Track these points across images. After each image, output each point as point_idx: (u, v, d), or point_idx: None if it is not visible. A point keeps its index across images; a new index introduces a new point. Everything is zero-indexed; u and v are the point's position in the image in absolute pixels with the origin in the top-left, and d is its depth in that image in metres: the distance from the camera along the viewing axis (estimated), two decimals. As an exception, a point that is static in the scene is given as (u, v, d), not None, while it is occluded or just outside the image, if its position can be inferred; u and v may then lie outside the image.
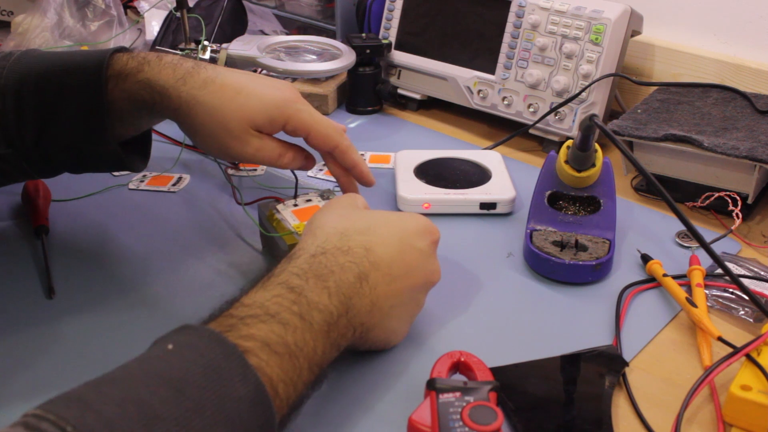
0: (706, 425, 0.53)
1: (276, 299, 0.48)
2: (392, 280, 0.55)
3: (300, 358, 0.46)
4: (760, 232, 0.78)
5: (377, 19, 1.08)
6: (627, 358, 0.59)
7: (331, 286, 0.50)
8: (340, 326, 0.50)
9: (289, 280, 0.49)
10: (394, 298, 0.55)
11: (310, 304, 0.48)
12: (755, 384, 0.53)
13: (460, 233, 0.77)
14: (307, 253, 0.52)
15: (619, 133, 0.81)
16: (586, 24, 0.89)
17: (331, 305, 0.50)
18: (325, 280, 0.50)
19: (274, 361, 0.44)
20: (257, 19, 1.21)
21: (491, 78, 0.97)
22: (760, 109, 0.86)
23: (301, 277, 0.50)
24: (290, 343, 0.45)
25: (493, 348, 0.59)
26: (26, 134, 0.61)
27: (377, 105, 1.06)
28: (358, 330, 0.52)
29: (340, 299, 0.50)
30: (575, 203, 0.74)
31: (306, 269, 0.51)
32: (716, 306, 0.65)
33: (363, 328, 0.53)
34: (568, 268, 0.67)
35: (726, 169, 0.78)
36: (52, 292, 0.65)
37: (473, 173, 0.85)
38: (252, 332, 0.44)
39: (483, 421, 0.46)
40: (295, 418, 0.47)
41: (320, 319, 0.48)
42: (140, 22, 1.15)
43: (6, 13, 1.20)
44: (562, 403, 0.55)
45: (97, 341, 0.60)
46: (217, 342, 0.42)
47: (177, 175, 0.86)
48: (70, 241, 0.73)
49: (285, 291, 0.48)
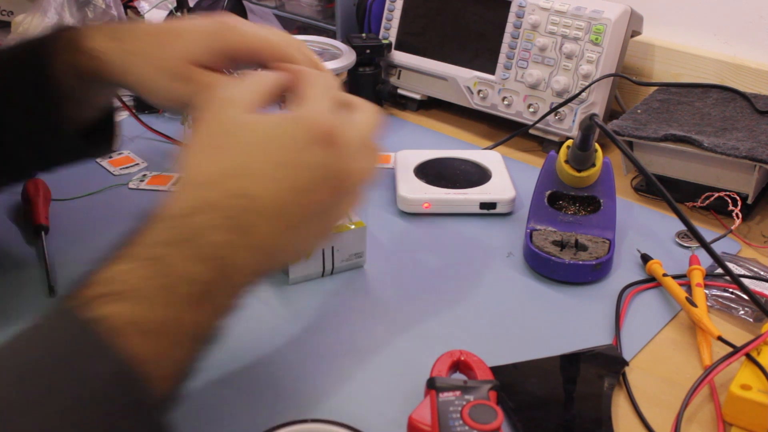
0: (706, 425, 0.53)
1: (135, 272, 0.41)
2: (285, 219, 0.46)
3: (169, 335, 0.40)
4: (760, 232, 0.78)
5: (377, 19, 1.08)
6: (627, 357, 0.59)
7: (200, 252, 0.42)
8: (218, 292, 0.43)
9: (150, 251, 0.42)
10: (292, 231, 0.47)
11: (174, 275, 0.41)
12: (755, 383, 0.53)
13: (460, 233, 0.77)
14: (171, 216, 0.44)
15: (619, 133, 0.81)
16: (586, 24, 0.89)
17: (200, 272, 0.42)
18: (193, 246, 0.42)
19: (137, 340, 0.38)
20: (257, 19, 1.21)
21: (491, 78, 0.97)
22: (760, 110, 0.86)
23: (163, 246, 0.42)
24: (155, 320, 0.40)
25: (493, 347, 0.59)
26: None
27: (377, 105, 1.06)
28: (246, 282, 0.45)
29: (213, 264, 0.43)
30: (575, 203, 0.74)
31: (169, 235, 0.43)
32: (716, 306, 0.66)
33: (254, 276, 0.46)
34: (568, 268, 0.67)
35: (726, 169, 0.78)
36: (52, 292, 0.65)
37: (473, 173, 0.85)
38: (110, 310, 0.39)
39: (483, 420, 0.46)
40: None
41: (186, 290, 0.41)
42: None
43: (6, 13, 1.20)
44: (562, 402, 0.55)
45: (97, 340, 0.60)
46: (68, 320, 0.38)
47: (177, 175, 0.86)
48: (70, 240, 0.73)
49: (145, 263, 0.41)
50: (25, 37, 0.61)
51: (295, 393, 0.54)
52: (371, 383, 0.56)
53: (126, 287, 0.40)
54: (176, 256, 0.42)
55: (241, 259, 0.44)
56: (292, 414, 0.52)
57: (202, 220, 0.43)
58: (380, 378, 0.56)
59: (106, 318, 0.38)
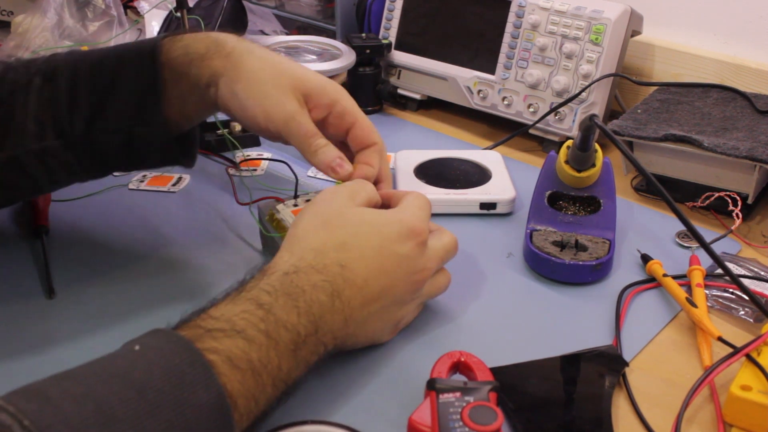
0: (706, 425, 0.53)
1: (244, 314, 0.47)
2: (368, 292, 0.54)
3: (263, 375, 0.46)
4: (760, 232, 0.78)
5: (377, 19, 1.08)
6: (627, 358, 0.59)
7: (301, 305, 0.50)
8: (309, 344, 0.50)
9: (259, 297, 0.49)
10: (371, 306, 0.54)
11: (278, 322, 0.48)
12: (755, 384, 0.53)
13: (460, 233, 0.76)
14: (279, 271, 0.52)
15: (619, 133, 0.81)
16: (586, 24, 0.89)
17: (300, 324, 0.49)
18: (296, 299, 0.50)
19: (235, 375, 0.44)
20: (257, 19, 1.21)
21: (491, 78, 0.97)
22: (760, 109, 0.86)
23: (271, 295, 0.49)
24: (254, 360, 0.45)
25: (493, 348, 0.59)
26: (77, 118, 0.60)
27: (377, 105, 1.06)
28: (330, 344, 0.52)
29: (310, 318, 0.50)
30: (575, 203, 0.74)
31: (277, 287, 0.50)
32: (716, 306, 0.65)
33: (337, 341, 0.53)
34: (568, 268, 0.67)
35: (726, 169, 0.78)
36: (52, 292, 0.65)
37: (473, 173, 0.85)
38: (216, 345, 0.44)
39: (483, 421, 0.46)
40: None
41: (287, 337, 0.48)
42: (140, 23, 1.15)
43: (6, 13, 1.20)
44: (562, 403, 0.55)
45: (97, 341, 0.60)
46: (183, 347, 0.43)
47: (177, 175, 0.86)
48: (70, 241, 0.73)
49: (253, 307, 0.48)
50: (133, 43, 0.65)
51: (294, 394, 0.54)
52: (371, 384, 0.56)
53: (232, 326, 0.46)
54: (281, 306, 0.49)
55: (332, 322, 0.51)
56: (292, 415, 0.52)
57: (307, 280, 0.51)
58: (380, 379, 0.56)
59: (212, 350, 0.44)
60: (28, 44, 1.05)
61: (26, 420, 0.35)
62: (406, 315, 0.59)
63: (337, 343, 0.53)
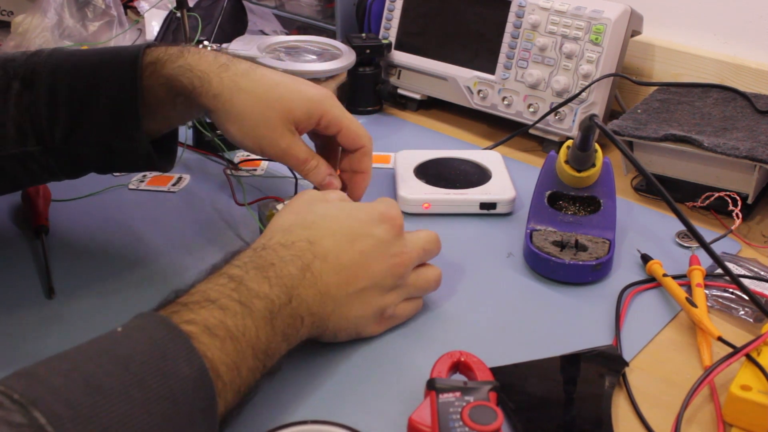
0: (706, 425, 0.53)
1: (217, 287, 0.49)
2: (342, 269, 0.55)
3: (242, 342, 0.47)
4: (760, 232, 0.78)
5: (377, 19, 1.08)
6: (627, 358, 0.59)
7: (271, 276, 0.52)
8: (284, 315, 0.51)
9: (230, 271, 0.51)
10: (348, 285, 0.55)
11: (250, 292, 0.50)
12: (755, 384, 0.53)
13: (460, 233, 0.77)
14: (250, 249, 0.54)
15: (619, 133, 0.81)
16: (586, 24, 0.89)
17: (272, 294, 0.51)
18: (265, 271, 0.52)
19: (214, 343, 0.45)
20: (257, 19, 1.21)
21: (491, 78, 0.97)
22: (760, 109, 0.86)
23: (241, 268, 0.52)
24: (230, 327, 0.47)
25: (493, 348, 0.59)
26: (57, 129, 0.60)
27: (377, 105, 1.06)
28: (307, 319, 0.53)
29: (282, 289, 0.51)
30: (575, 203, 0.74)
31: (246, 261, 0.52)
32: (716, 306, 0.66)
33: (315, 318, 0.54)
34: (568, 268, 0.67)
35: (726, 169, 0.78)
36: (52, 292, 0.65)
37: (473, 173, 0.85)
38: (193, 317, 0.46)
39: (483, 421, 0.46)
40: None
41: (261, 306, 0.50)
42: (140, 22, 1.15)
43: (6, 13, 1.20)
44: (562, 403, 0.55)
45: (97, 341, 0.60)
46: (162, 323, 0.44)
47: (177, 175, 0.86)
48: (70, 241, 0.73)
49: (225, 280, 0.50)
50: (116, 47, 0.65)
51: (294, 394, 0.54)
52: (371, 384, 0.56)
53: (205, 297, 0.48)
54: (251, 278, 0.51)
55: (306, 295, 0.53)
56: (292, 415, 0.52)
57: (275, 254, 0.53)
58: (380, 379, 0.56)
59: (189, 321, 0.46)
60: (28, 44, 1.05)
61: (16, 394, 0.36)
62: (390, 304, 0.59)
63: (316, 321, 0.54)
